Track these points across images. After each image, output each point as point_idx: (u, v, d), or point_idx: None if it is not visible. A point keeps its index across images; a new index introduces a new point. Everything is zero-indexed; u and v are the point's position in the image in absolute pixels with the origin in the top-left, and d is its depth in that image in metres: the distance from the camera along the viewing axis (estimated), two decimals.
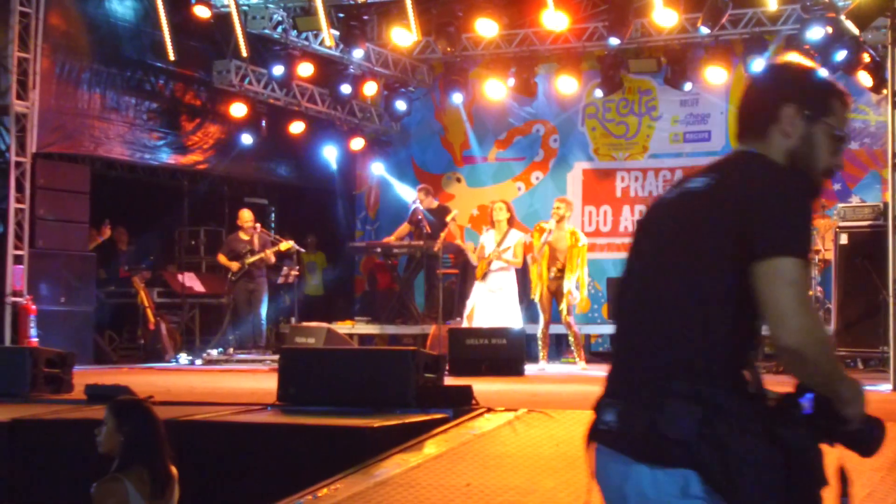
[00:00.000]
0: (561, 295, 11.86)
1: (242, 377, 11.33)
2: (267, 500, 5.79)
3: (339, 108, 16.72)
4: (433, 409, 7.13)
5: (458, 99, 16.47)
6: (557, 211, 12.04)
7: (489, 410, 7.12)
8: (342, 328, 14.50)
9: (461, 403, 7.25)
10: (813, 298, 11.70)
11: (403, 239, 15.30)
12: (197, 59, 15.18)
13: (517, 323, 11.98)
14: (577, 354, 12.19)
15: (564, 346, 13.62)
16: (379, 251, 15.98)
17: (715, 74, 14.83)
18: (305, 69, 15.25)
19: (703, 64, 14.89)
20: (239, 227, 14.47)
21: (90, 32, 13.92)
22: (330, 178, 17.59)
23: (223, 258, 14.35)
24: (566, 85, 15.77)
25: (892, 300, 9.42)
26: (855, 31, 11.09)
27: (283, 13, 14.68)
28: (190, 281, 15.35)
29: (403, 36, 14.74)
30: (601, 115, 16.55)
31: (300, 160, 17.40)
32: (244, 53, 14.29)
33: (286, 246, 14.36)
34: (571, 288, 11.80)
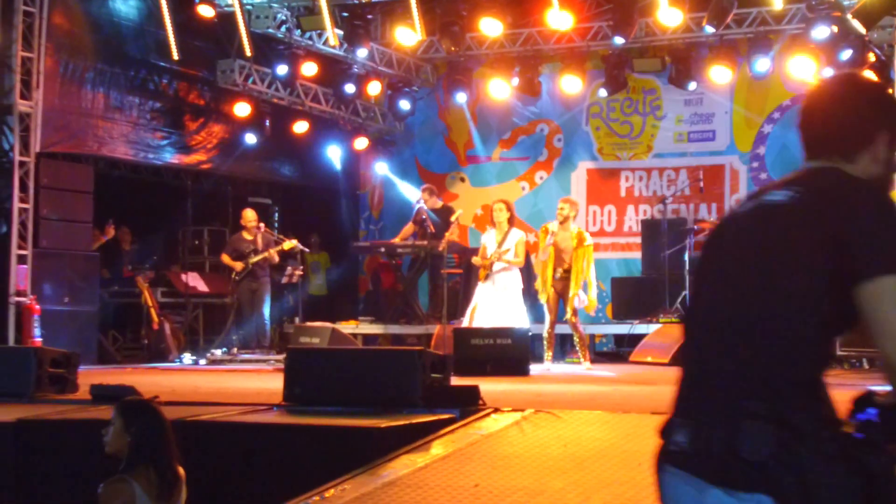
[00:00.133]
0: (567, 295, 11.81)
1: (247, 377, 11.29)
2: (274, 500, 5.76)
3: (342, 107, 16.72)
4: (440, 409, 7.09)
5: (461, 98, 16.45)
6: (562, 212, 11.99)
7: (496, 411, 7.07)
8: (346, 328, 14.49)
9: (468, 403, 7.20)
10: None
11: (407, 239, 15.28)
12: (201, 58, 15.17)
13: (523, 322, 11.91)
14: (581, 355, 12.13)
15: (568, 346, 13.57)
16: (383, 251, 15.97)
17: (719, 74, 14.82)
18: (309, 69, 15.25)
19: (707, 63, 14.87)
20: (242, 226, 14.44)
21: (94, 32, 13.90)
22: (334, 177, 17.58)
23: (227, 258, 14.32)
24: (570, 84, 15.75)
25: None
26: (861, 30, 11.08)
27: (287, 12, 14.68)
28: (193, 281, 15.33)
29: (407, 35, 14.74)
30: (605, 114, 16.53)
31: (304, 160, 17.38)
32: (248, 53, 14.30)
33: (290, 245, 14.32)
34: (579, 290, 11.74)
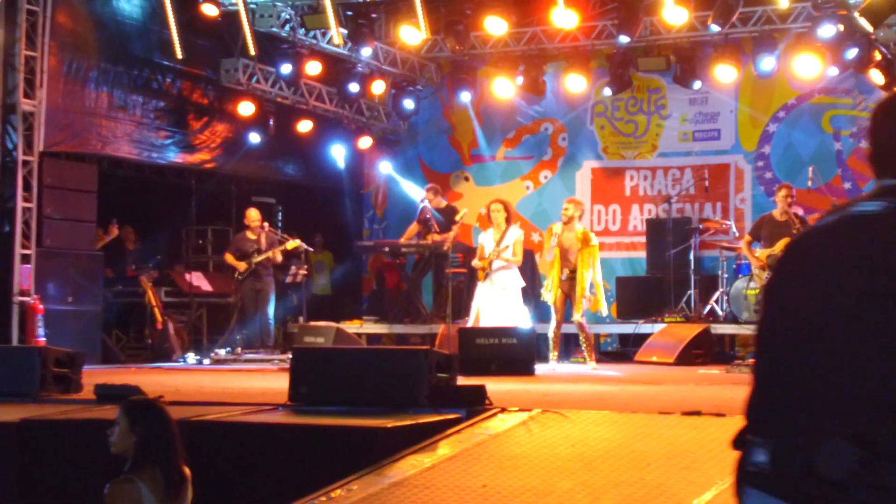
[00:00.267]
0: (574, 295, 11.77)
1: (251, 377, 11.26)
2: (280, 500, 5.73)
3: (346, 106, 16.69)
4: (446, 409, 7.05)
5: (466, 97, 16.43)
6: (566, 212, 11.96)
7: (503, 410, 7.03)
8: (350, 327, 14.47)
9: (474, 403, 7.15)
10: None
11: (412, 239, 15.25)
12: (205, 57, 15.14)
13: (524, 321, 11.86)
14: (587, 355, 12.09)
15: (573, 345, 13.54)
16: (387, 250, 15.94)
17: (724, 73, 14.78)
18: (313, 68, 15.21)
19: (712, 62, 14.83)
20: (246, 226, 14.41)
21: (97, 31, 13.87)
22: (338, 176, 17.55)
23: (230, 257, 14.29)
24: (575, 83, 15.73)
25: None
26: (868, 28, 11.04)
27: (291, 11, 14.65)
28: (197, 280, 15.31)
29: (412, 34, 14.71)
30: (610, 113, 16.50)
31: (308, 159, 17.35)
32: (252, 52, 14.26)
33: (293, 245, 14.28)
34: (586, 291, 11.70)
